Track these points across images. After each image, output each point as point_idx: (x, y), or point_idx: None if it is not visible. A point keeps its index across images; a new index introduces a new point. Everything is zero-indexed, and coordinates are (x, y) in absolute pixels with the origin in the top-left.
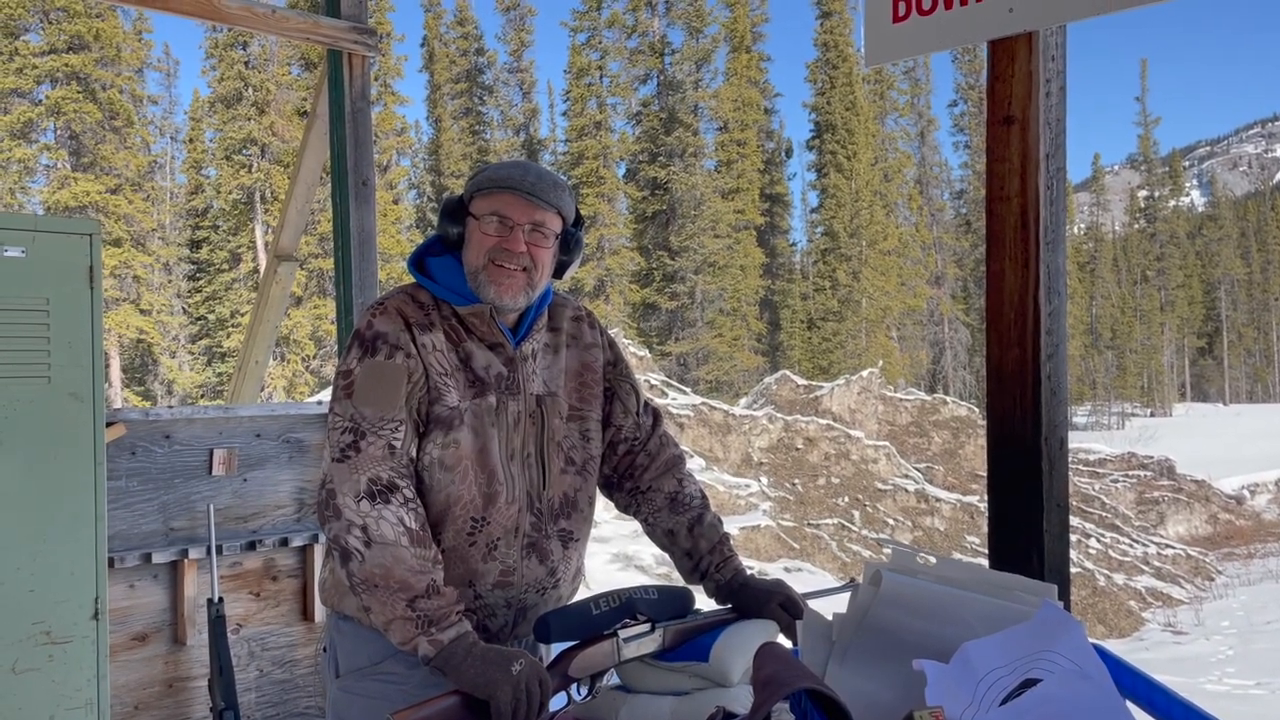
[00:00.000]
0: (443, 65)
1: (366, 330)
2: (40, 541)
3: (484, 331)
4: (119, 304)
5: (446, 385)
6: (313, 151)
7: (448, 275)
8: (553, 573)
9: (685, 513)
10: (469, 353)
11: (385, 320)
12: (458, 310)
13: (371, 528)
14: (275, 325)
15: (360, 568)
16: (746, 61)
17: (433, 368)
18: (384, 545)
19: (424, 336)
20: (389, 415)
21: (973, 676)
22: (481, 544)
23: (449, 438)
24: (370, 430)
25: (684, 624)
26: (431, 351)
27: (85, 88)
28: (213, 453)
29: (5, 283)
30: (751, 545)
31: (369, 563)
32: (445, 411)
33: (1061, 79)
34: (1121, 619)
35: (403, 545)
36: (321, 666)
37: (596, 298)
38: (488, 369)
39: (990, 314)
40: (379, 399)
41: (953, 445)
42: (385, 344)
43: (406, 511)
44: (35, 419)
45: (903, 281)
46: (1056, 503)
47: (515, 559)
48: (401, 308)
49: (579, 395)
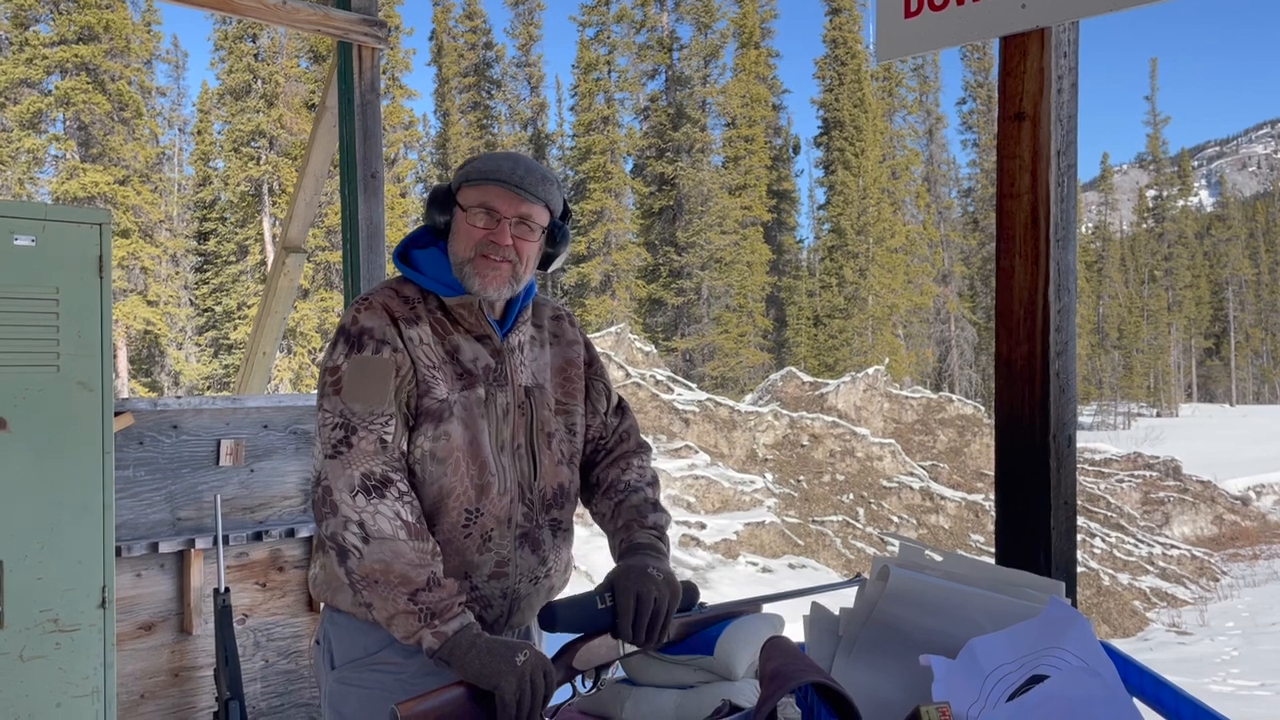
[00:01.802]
0: (451, 59)
1: (352, 326)
2: (48, 530)
3: (471, 323)
4: (126, 295)
5: (435, 378)
6: (322, 144)
7: (434, 267)
8: (544, 562)
9: (617, 496)
10: (456, 345)
11: (370, 315)
12: (445, 302)
13: (369, 523)
14: (283, 317)
15: (359, 564)
16: (755, 57)
17: (420, 361)
18: (382, 540)
19: (410, 330)
20: (378, 410)
21: (980, 672)
22: (476, 535)
23: (439, 430)
24: (361, 425)
25: (689, 617)
26: (418, 345)
27: (95, 79)
28: (220, 443)
29: (16, 272)
30: (756, 541)
31: (368, 559)
32: (434, 404)
33: (1073, 75)
34: (1126, 619)
35: (401, 539)
36: (315, 660)
37: (603, 293)
38: (475, 361)
39: (1000, 311)
40: (368, 394)
41: (958, 443)
42: (371, 339)
43: (402, 505)
44: (45, 408)
45: (909, 279)
46: (1064, 500)
47: (509, 550)
48: (387, 302)
49: (563, 390)
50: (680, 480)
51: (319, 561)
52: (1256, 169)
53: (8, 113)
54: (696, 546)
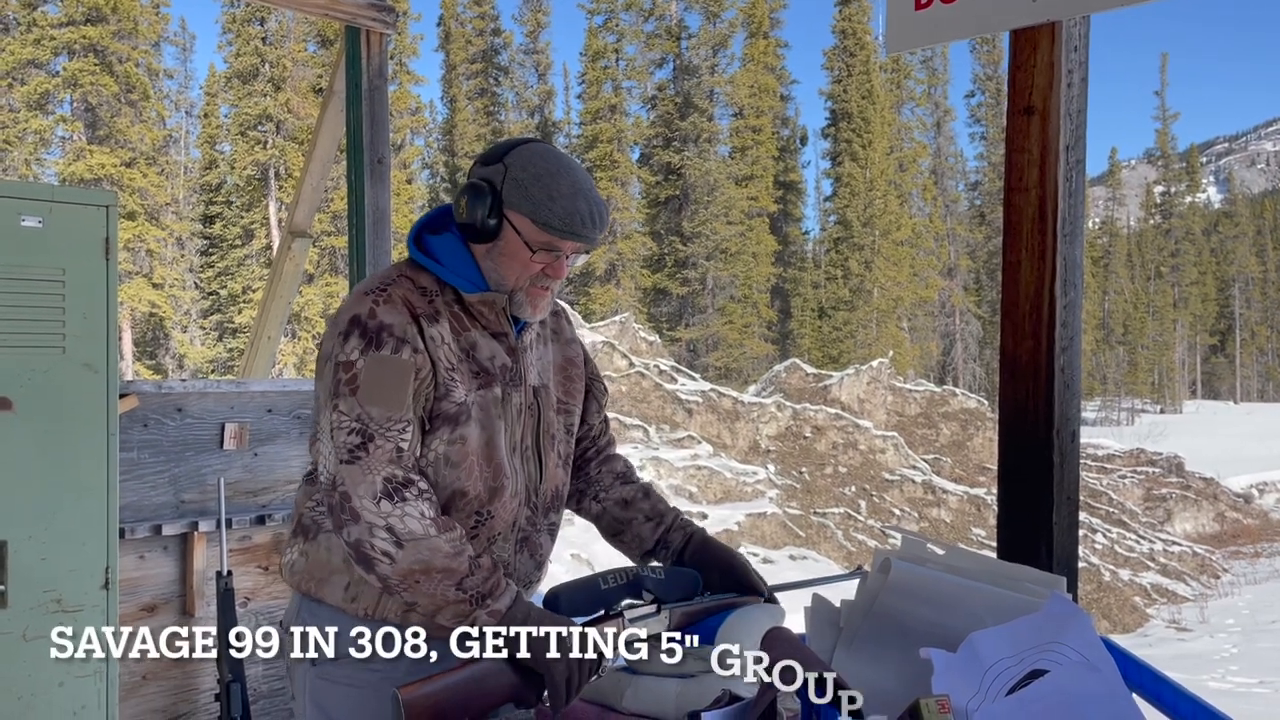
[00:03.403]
0: (458, 45)
1: (370, 319)
2: (52, 511)
3: (490, 320)
4: (131, 277)
5: (453, 380)
6: (329, 129)
7: (453, 258)
8: (539, 566)
9: (636, 483)
10: (473, 342)
11: (390, 311)
12: (463, 296)
13: (398, 527)
14: (288, 302)
15: (395, 568)
16: (763, 47)
17: (440, 363)
18: (415, 541)
19: (431, 329)
20: (396, 415)
21: (980, 666)
22: (483, 539)
23: (455, 434)
24: (378, 432)
25: (690, 606)
26: (440, 345)
27: (102, 60)
28: (224, 427)
29: (22, 252)
30: (757, 532)
31: (404, 562)
32: (452, 408)
33: (1083, 70)
34: (1126, 615)
35: (433, 536)
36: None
37: (607, 281)
38: (492, 359)
39: (1005, 305)
40: (386, 398)
41: (961, 437)
42: (391, 337)
43: (424, 502)
44: (49, 389)
45: (915, 272)
46: (1066, 495)
47: (509, 554)
48: (407, 297)
49: (564, 389)
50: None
51: (297, 548)
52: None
53: (15, 93)
54: None
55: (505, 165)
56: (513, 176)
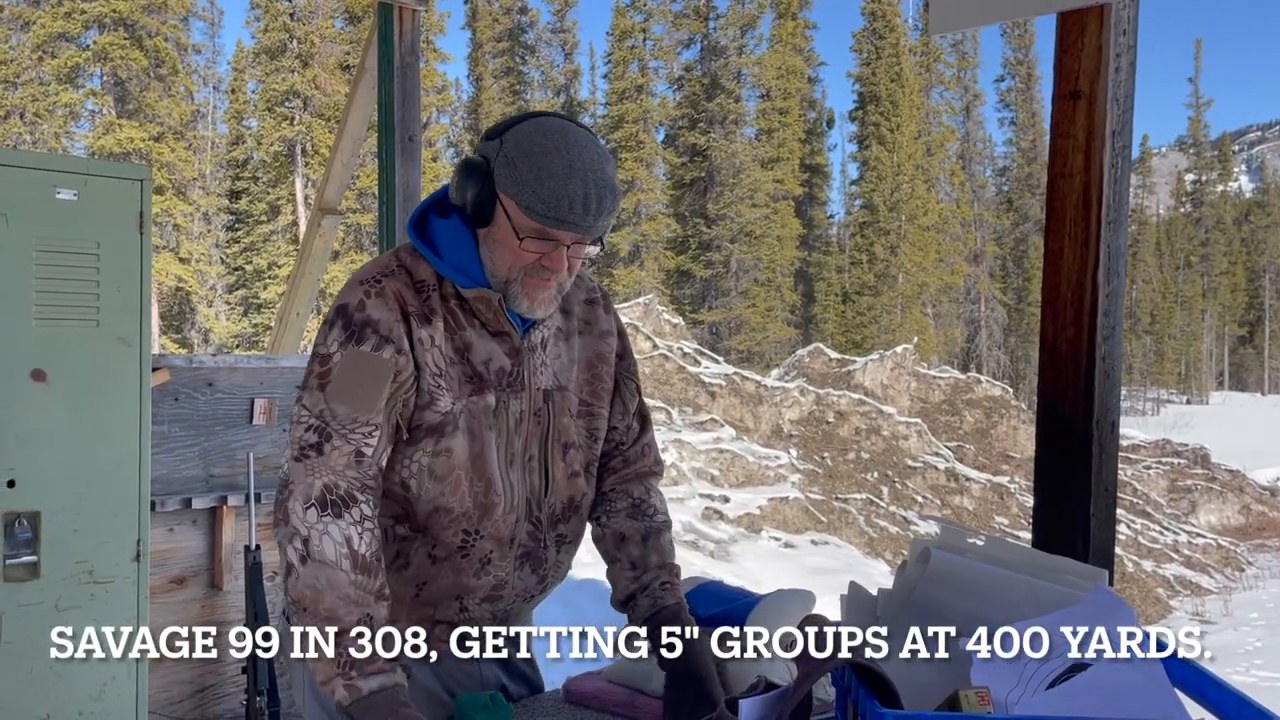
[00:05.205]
0: (485, 23)
1: (357, 311)
2: (85, 483)
3: (489, 318)
4: (159, 252)
5: (439, 387)
6: (359, 105)
7: (455, 250)
8: (542, 580)
9: (644, 520)
10: (467, 343)
11: (380, 305)
12: (461, 292)
13: (313, 541)
14: (316, 278)
15: (294, 585)
16: (792, 29)
17: (426, 368)
18: (320, 565)
19: (421, 330)
20: (362, 418)
21: (1021, 658)
22: (475, 558)
23: (440, 445)
24: (338, 433)
25: None
26: (428, 348)
27: (132, 34)
28: (254, 402)
29: (57, 225)
30: (779, 517)
31: (301, 581)
32: (436, 418)
33: (1132, 54)
34: (1149, 606)
35: (342, 569)
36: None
37: (631, 263)
38: (488, 363)
39: (1046, 292)
40: (356, 397)
41: (985, 425)
42: (375, 334)
43: (357, 531)
44: (83, 361)
45: (941, 258)
46: (1104, 488)
47: (508, 571)
48: (401, 292)
49: (590, 389)
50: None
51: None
52: None
53: (45, 67)
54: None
55: (502, 141)
56: (505, 154)
